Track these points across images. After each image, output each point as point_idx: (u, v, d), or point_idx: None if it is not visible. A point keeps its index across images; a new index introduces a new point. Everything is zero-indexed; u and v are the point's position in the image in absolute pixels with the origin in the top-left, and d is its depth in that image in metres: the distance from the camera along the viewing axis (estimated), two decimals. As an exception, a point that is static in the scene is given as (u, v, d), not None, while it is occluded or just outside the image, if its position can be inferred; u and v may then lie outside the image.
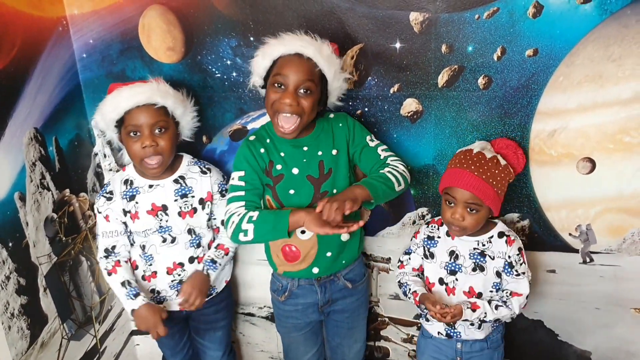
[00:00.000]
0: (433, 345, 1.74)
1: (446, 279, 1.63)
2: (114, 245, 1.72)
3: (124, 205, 1.68)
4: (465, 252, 1.60)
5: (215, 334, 1.91)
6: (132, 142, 1.58)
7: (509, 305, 1.56)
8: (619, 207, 1.63)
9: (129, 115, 1.56)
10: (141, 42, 1.79)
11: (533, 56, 1.52)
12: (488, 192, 1.47)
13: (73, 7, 1.79)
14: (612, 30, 1.45)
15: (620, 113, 1.52)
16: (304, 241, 1.62)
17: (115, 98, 1.56)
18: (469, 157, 1.51)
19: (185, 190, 1.69)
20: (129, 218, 1.69)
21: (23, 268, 1.64)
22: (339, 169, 1.60)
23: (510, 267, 1.56)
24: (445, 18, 1.54)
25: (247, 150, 1.59)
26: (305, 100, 1.46)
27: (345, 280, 1.71)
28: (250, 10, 1.66)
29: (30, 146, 1.66)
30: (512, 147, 1.57)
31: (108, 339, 2.11)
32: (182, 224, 1.70)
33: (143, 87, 1.57)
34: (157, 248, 1.71)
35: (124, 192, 1.68)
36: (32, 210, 1.68)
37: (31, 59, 1.66)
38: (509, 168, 1.53)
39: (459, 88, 1.61)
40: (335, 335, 1.83)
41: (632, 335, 1.77)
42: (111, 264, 1.71)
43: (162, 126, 1.59)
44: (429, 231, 1.67)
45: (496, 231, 1.59)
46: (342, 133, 1.62)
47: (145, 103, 1.56)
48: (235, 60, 1.74)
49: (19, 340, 1.63)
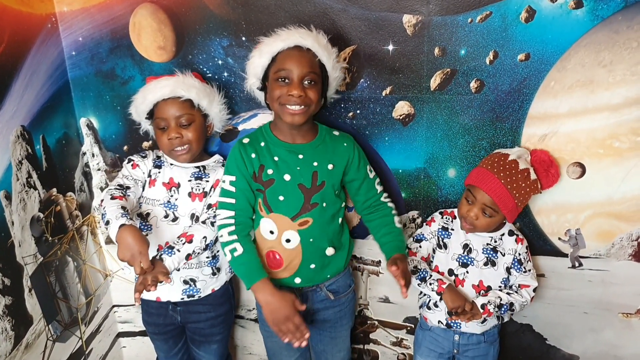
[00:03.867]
0: (430, 337, 1.76)
1: (456, 271, 1.65)
2: (128, 186, 1.66)
3: (151, 167, 1.72)
4: (479, 247, 1.63)
5: (210, 346, 1.88)
6: (160, 134, 1.65)
7: (520, 294, 1.62)
8: (608, 212, 1.64)
9: (157, 108, 1.63)
10: (131, 41, 1.77)
11: (525, 60, 1.53)
12: (508, 201, 1.50)
13: (62, 4, 1.76)
14: (604, 36, 1.46)
15: (611, 118, 1.53)
16: (288, 250, 1.60)
17: (144, 91, 1.64)
18: (501, 163, 1.52)
19: (201, 174, 1.72)
20: (148, 183, 1.71)
21: (8, 268, 1.61)
22: (332, 183, 1.58)
23: (519, 263, 1.63)
24: (438, 21, 1.54)
25: (238, 153, 1.58)
26: (310, 91, 1.46)
27: (327, 291, 1.69)
28: (243, 10, 1.65)
29: (17, 144, 1.64)
30: (544, 164, 1.57)
31: (94, 341, 2.08)
32: (188, 206, 1.70)
33: (168, 81, 1.62)
34: (158, 221, 1.71)
35: (155, 159, 1.74)
36: (18, 210, 1.65)
37: (19, 56, 1.63)
38: (537, 183, 1.54)
39: (451, 91, 1.62)
40: (319, 343, 1.81)
41: (619, 339, 1.79)
42: (118, 193, 1.60)
43: (188, 118, 1.63)
44: (443, 222, 1.70)
45: (506, 229, 1.65)
46: (346, 154, 1.60)
47: (170, 96, 1.61)
48: (226, 60, 1.73)
49: (3, 342, 1.60)
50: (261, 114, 1.79)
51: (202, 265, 1.74)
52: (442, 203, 1.76)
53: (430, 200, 1.77)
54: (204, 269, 1.75)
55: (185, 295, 1.75)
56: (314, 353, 1.88)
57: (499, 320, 1.70)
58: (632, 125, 1.52)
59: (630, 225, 1.64)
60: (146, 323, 1.87)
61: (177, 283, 1.73)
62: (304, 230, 1.57)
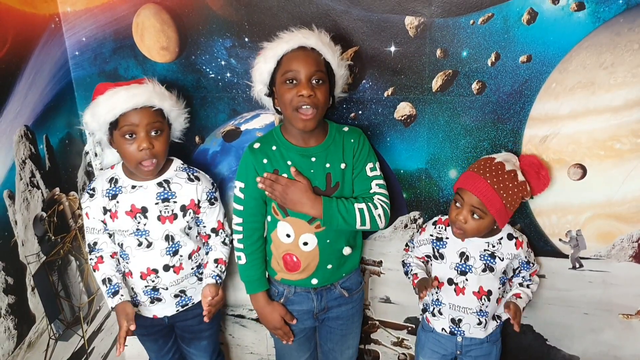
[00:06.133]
0: (433, 338, 1.76)
1: (456, 279, 1.65)
2: (95, 242, 1.70)
3: (105, 203, 1.65)
4: (476, 254, 1.62)
5: (200, 342, 1.89)
6: (127, 143, 1.54)
7: (534, 281, 1.70)
8: (608, 214, 1.64)
9: (124, 116, 1.52)
10: (135, 41, 1.77)
11: (527, 62, 1.53)
12: (495, 202, 1.49)
13: (66, 4, 1.77)
14: (605, 38, 1.46)
15: (611, 120, 1.54)
16: (306, 252, 1.62)
17: (111, 99, 1.51)
18: (487, 165, 1.53)
19: (167, 195, 1.65)
20: (109, 217, 1.65)
21: (11, 267, 1.62)
22: (345, 183, 1.59)
23: (527, 264, 1.66)
24: (440, 23, 1.55)
25: (249, 160, 1.59)
26: (319, 91, 1.46)
27: (342, 289, 1.71)
28: (246, 11, 1.65)
29: (20, 144, 1.64)
30: (535, 166, 1.58)
31: (96, 340, 2.09)
32: (160, 229, 1.65)
33: (140, 89, 1.53)
34: (133, 250, 1.67)
35: (107, 190, 1.65)
36: (21, 209, 1.66)
37: (23, 56, 1.64)
38: (525, 185, 1.54)
39: (453, 93, 1.62)
40: (328, 341, 1.83)
41: (619, 340, 1.79)
42: (94, 260, 1.69)
43: (158, 128, 1.57)
44: (436, 232, 1.68)
45: (505, 233, 1.63)
46: (351, 148, 1.60)
47: (143, 105, 1.53)
48: (229, 61, 1.73)
49: (6, 340, 1.61)
50: (263, 114, 1.80)
51: (187, 276, 1.75)
52: (444, 204, 1.77)
53: (432, 200, 1.78)
54: (189, 279, 1.76)
55: (180, 306, 1.77)
56: (321, 353, 1.90)
57: (499, 321, 1.71)
58: (632, 127, 1.53)
59: (630, 227, 1.64)
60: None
61: (169, 299, 1.74)
62: (320, 232, 1.59)
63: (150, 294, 1.72)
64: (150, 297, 1.72)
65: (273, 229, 1.65)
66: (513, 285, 1.71)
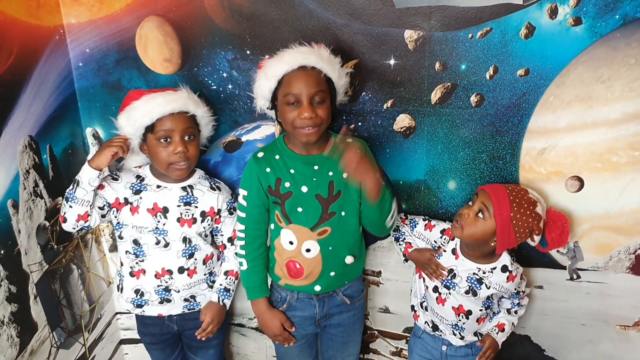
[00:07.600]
0: (421, 344, 1.81)
1: (440, 289, 1.67)
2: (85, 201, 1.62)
3: (126, 194, 1.68)
4: (464, 274, 1.62)
5: (207, 351, 1.91)
6: (161, 147, 1.61)
7: (523, 304, 1.72)
8: (606, 225, 1.66)
9: (160, 121, 1.58)
10: (138, 53, 1.80)
11: (524, 76, 1.55)
12: (505, 210, 1.48)
13: (70, 16, 1.80)
14: (602, 52, 1.48)
15: (609, 133, 1.55)
16: (308, 259, 1.63)
17: (148, 104, 1.58)
18: (518, 187, 1.54)
19: (189, 199, 1.71)
20: (129, 210, 1.68)
21: (14, 276, 1.63)
22: (348, 191, 1.60)
23: (516, 294, 1.67)
24: (439, 36, 1.57)
25: (253, 169, 1.61)
26: (320, 110, 1.48)
27: (343, 296, 1.73)
28: (248, 25, 1.67)
29: (24, 154, 1.66)
30: (559, 222, 1.55)
31: (97, 348, 2.10)
32: (178, 231, 1.70)
33: (176, 95, 1.61)
34: (150, 249, 1.70)
35: (133, 184, 1.69)
36: (24, 218, 1.68)
37: (28, 67, 1.66)
38: (539, 222, 1.51)
39: (452, 105, 1.64)
40: (329, 348, 1.84)
41: (616, 351, 1.80)
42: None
43: (192, 133, 1.65)
44: (440, 241, 1.69)
45: (500, 264, 1.60)
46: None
47: (180, 111, 1.60)
48: (231, 73, 1.75)
49: (9, 348, 1.62)
50: (264, 125, 1.81)
51: (200, 282, 1.78)
52: (442, 215, 1.78)
53: (431, 211, 1.79)
54: (201, 285, 1.79)
55: (186, 309, 1.80)
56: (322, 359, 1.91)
57: (480, 338, 1.72)
58: (629, 140, 1.54)
59: (628, 239, 1.65)
60: (142, 334, 1.89)
61: (178, 302, 1.77)
62: (323, 239, 1.61)
63: (161, 294, 1.74)
64: (160, 297, 1.74)
65: (276, 237, 1.66)
66: (501, 309, 1.72)
